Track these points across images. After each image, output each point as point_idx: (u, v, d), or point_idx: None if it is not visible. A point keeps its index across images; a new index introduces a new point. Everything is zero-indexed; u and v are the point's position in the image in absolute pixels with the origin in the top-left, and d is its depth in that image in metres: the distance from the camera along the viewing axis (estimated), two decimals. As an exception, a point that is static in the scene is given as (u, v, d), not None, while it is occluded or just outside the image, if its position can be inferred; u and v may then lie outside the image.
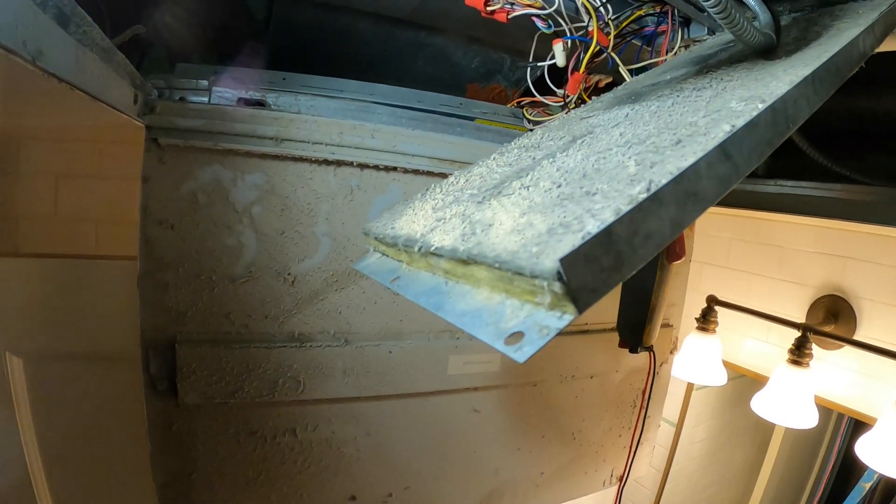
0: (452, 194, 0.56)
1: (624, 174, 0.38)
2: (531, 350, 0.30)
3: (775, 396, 1.52)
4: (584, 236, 0.30)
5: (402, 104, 1.33)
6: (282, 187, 1.21)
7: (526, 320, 0.31)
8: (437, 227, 0.46)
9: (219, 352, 1.21)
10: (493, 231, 0.38)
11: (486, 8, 1.05)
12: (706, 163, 0.36)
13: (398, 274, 0.50)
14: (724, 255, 2.01)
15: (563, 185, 0.41)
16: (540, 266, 0.30)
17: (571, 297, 0.29)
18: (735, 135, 0.39)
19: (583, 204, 0.35)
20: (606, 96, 0.78)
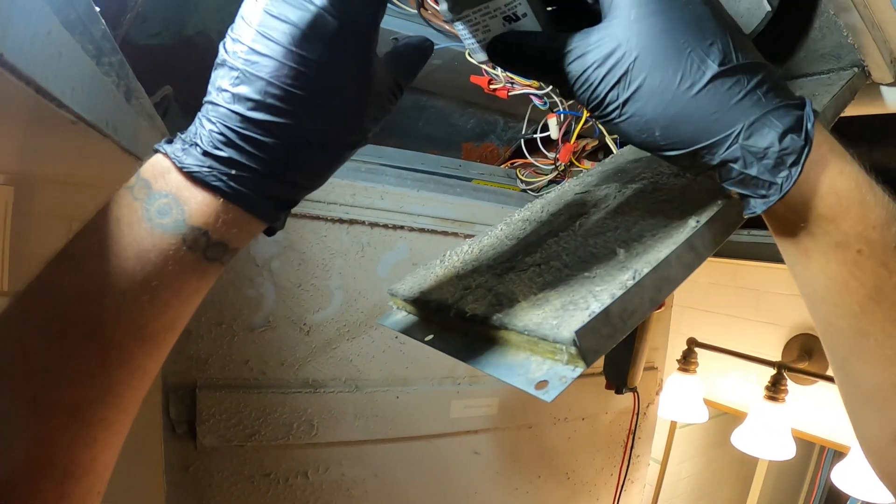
0: (471, 264, 0.67)
1: (615, 261, 0.50)
2: (555, 392, 0.41)
3: (754, 431, 1.60)
4: (590, 314, 0.42)
5: (408, 166, 1.43)
6: (299, 243, 1.30)
7: (548, 371, 0.43)
8: (466, 295, 0.57)
9: (237, 397, 1.27)
10: (518, 304, 0.50)
11: (489, 86, 1.17)
12: (676, 255, 0.48)
13: (431, 333, 0.61)
14: (703, 298, 2.10)
15: (570, 266, 0.53)
16: (560, 335, 0.42)
17: (582, 356, 0.42)
18: (699, 230, 0.50)
19: (586, 286, 0.47)
20: (596, 170, 0.88)
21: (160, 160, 0.41)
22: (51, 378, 0.39)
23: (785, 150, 0.42)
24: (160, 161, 0.41)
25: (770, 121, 0.42)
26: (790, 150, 0.42)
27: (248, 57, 0.40)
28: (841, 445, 1.67)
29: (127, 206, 0.40)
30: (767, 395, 1.62)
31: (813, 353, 1.75)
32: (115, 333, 0.40)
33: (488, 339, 0.52)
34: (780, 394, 1.59)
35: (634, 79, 0.43)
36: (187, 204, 0.40)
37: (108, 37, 0.67)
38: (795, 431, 1.64)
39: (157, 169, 0.41)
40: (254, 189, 0.42)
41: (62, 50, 0.52)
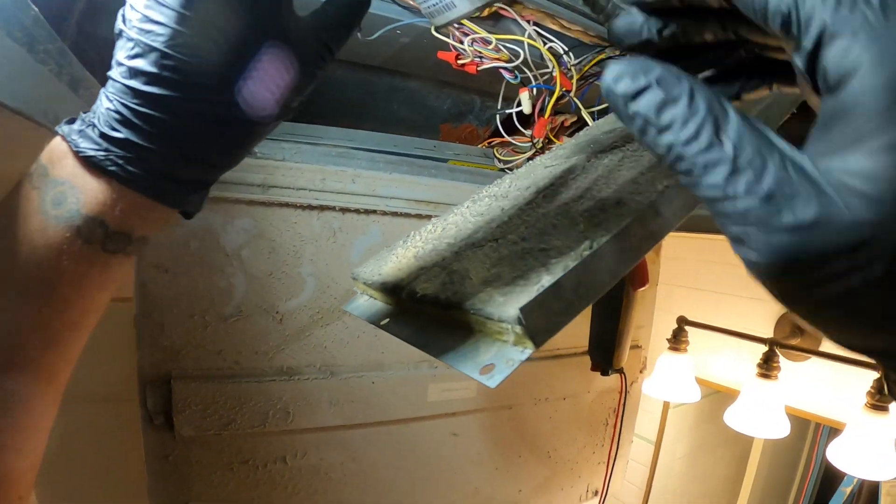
0: (431, 243, 0.63)
1: (574, 232, 0.45)
2: (500, 378, 0.38)
3: (747, 409, 1.59)
4: (538, 289, 0.38)
5: (380, 149, 1.40)
6: (269, 231, 1.27)
7: (496, 354, 0.40)
8: (421, 275, 0.53)
9: (212, 387, 1.26)
10: (469, 281, 0.46)
11: (457, 62, 1.13)
12: (639, 222, 0.44)
13: (386, 316, 0.57)
14: (693, 276, 2.08)
15: (527, 239, 0.49)
16: (505, 313, 0.38)
17: (530, 335, 0.38)
18: (666, 195, 0.46)
19: (540, 259, 0.43)
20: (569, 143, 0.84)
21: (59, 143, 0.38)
22: None
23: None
24: (58, 144, 0.38)
25: None
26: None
27: (141, 25, 0.36)
28: (836, 422, 1.65)
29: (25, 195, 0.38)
30: (760, 373, 1.60)
31: (805, 329, 1.73)
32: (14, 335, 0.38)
33: (441, 322, 0.48)
34: (772, 371, 1.58)
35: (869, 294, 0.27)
36: (83, 192, 0.37)
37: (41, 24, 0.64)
38: (789, 409, 1.63)
39: (55, 153, 0.38)
40: (154, 172, 0.38)
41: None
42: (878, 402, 1.36)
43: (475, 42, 1.08)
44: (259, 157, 1.24)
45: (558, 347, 1.81)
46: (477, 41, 1.08)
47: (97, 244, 0.38)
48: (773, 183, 0.26)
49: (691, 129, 0.28)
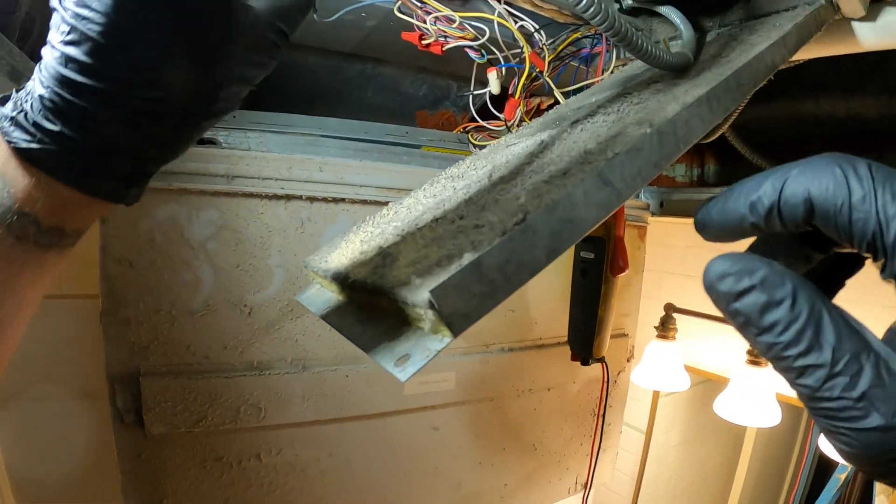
0: (380, 226, 0.59)
1: (514, 206, 0.41)
2: (413, 369, 0.34)
3: (737, 397, 1.57)
4: (455, 268, 0.34)
5: (350, 136, 1.37)
6: (235, 222, 1.24)
7: (414, 344, 0.36)
8: (359, 259, 0.50)
9: (181, 383, 1.23)
10: (397, 263, 0.42)
11: (421, 42, 1.09)
12: (583, 191, 0.40)
13: (329, 305, 0.54)
14: (680, 262, 2.05)
15: (465, 217, 0.45)
16: (418, 296, 0.34)
17: (446, 322, 0.33)
18: (614, 161, 0.42)
19: (470, 236, 0.39)
20: (536, 121, 0.82)
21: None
22: None
23: None
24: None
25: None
26: None
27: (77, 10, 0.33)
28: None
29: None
30: (749, 360, 1.58)
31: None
32: None
33: (371, 310, 0.44)
34: (762, 357, 1.54)
35: None
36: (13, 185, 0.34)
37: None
38: (780, 396, 1.59)
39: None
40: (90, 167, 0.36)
41: None
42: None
43: (438, 21, 1.05)
44: (223, 146, 1.21)
45: (541, 337, 1.77)
46: (441, 20, 1.04)
47: (30, 241, 0.36)
48: (868, 387, 0.27)
49: (792, 334, 0.29)
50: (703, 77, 0.60)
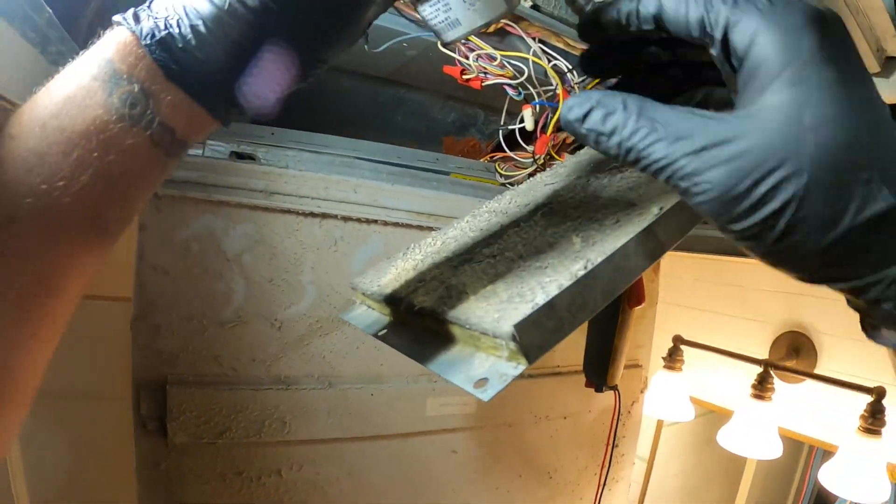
0: (431, 256, 0.64)
1: (570, 251, 0.46)
2: (493, 392, 0.39)
3: (740, 429, 1.59)
4: (533, 306, 0.39)
5: (384, 160, 1.41)
6: (270, 237, 1.28)
7: (490, 369, 0.40)
8: (419, 287, 0.54)
9: (208, 393, 1.25)
10: (466, 296, 0.46)
11: (462, 76, 1.14)
12: (635, 243, 0.45)
13: (383, 326, 0.58)
14: (689, 295, 2.08)
15: (524, 257, 0.50)
16: (500, 329, 0.39)
17: (523, 352, 0.38)
18: (661, 217, 0.47)
19: (536, 277, 0.44)
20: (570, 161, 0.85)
21: (125, 41, 0.38)
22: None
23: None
24: (126, 42, 0.38)
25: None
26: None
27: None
28: (829, 445, 1.65)
29: (84, 86, 0.37)
30: (754, 394, 1.60)
31: (800, 351, 1.74)
32: (68, 222, 0.38)
33: (436, 335, 0.49)
34: (766, 392, 1.58)
35: (801, 208, 0.33)
36: (157, 99, 0.38)
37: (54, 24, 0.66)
38: (782, 430, 1.63)
39: (123, 50, 0.37)
40: (221, 93, 0.40)
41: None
42: (871, 425, 1.36)
43: (480, 58, 1.10)
44: (263, 163, 1.25)
45: (558, 365, 1.80)
46: (482, 57, 1.10)
47: (163, 149, 0.39)
48: (703, 139, 0.34)
49: (631, 127, 0.36)
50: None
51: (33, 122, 0.37)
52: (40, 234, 0.37)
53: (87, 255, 0.40)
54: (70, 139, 0.36)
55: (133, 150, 0.38)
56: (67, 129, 0.36)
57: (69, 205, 0.37)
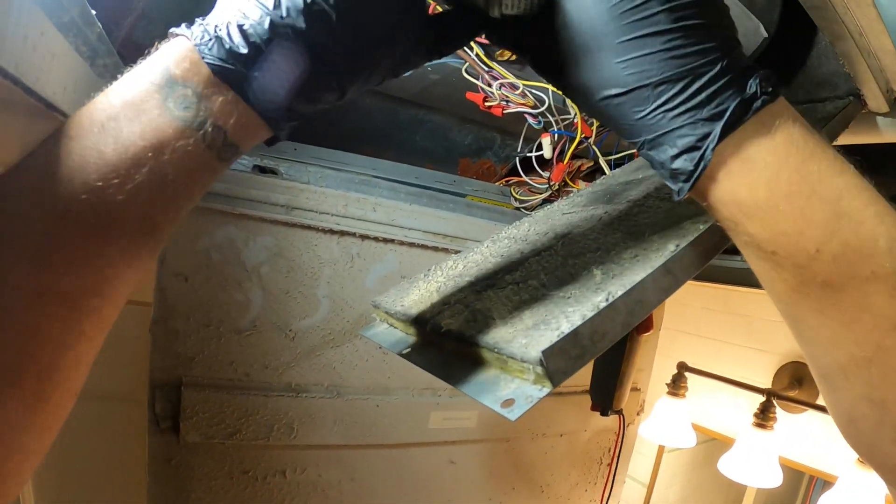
0: (453, 280, 0.67)
1: (591, 282, 0.50)
2: (520, 412, 0.42)
3: (741, 457, 1.61)
4: (559, 335, 0.42)
5: (402, 180, 1.44)
6: (289, 251, 1.31)
7: (516, 391, 0.44)
8: (444, 310, 0.57)
9: (221, 396, 1.29)
10: (492, 321, 0.50)
11: (484, 104, 1.18)
12: (652, 278, 0.48)
13: (408, 346, 0.61)
14: (695, 323, 2.10)
15: (546, 285, 0.53)
16: (528, 354, 0.42)
17: (549, 376, 0.42)
18: (677, 254, 0.50)
19: (560, 306, 0.47)
20: (586, 191, 0.88)
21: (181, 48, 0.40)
22: (44, 263, 0.37)
23: (676, 170, 0.43)
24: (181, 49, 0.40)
25: (670, 139, 0.43)
26: (681, 171, 0.43)
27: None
28: (829, 475, 1.67)
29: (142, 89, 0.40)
30: (756, 423, 1.62)
31: (803, 381, 1.75)
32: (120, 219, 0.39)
33: (462, 356, 0.52)
34: (768, 421, 1.60)
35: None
36: (210, 101, 0.40)
37: (103, 39, 0.67)
38: (783, 459, 1.64)
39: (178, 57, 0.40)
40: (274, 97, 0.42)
41: (55, 51, 0.53)
42: (872, 457, 1.38)
43: (503, 86, 1.13)
44: (284, 177, 1.28)
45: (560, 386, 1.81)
46: (505, 86, 1.13)
47: (215, 151, 0.41)
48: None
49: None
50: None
51: (92, 124, 0.39)
52: (93, 231, 0.38)
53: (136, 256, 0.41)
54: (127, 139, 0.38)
55: (186, 151, 0.40)
56: (125, 129, 0.38)
57: (122, 202, 0.38)
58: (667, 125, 0.42)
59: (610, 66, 0.43)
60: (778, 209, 0.42)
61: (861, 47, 0.74)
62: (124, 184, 0.38)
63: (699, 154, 0.42)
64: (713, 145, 0.41)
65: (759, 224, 0.43)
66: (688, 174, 0.43)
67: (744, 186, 0.42)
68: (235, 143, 0.42)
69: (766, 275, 0.47)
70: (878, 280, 0.42)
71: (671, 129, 0.42)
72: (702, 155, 0.42)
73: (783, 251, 0.43)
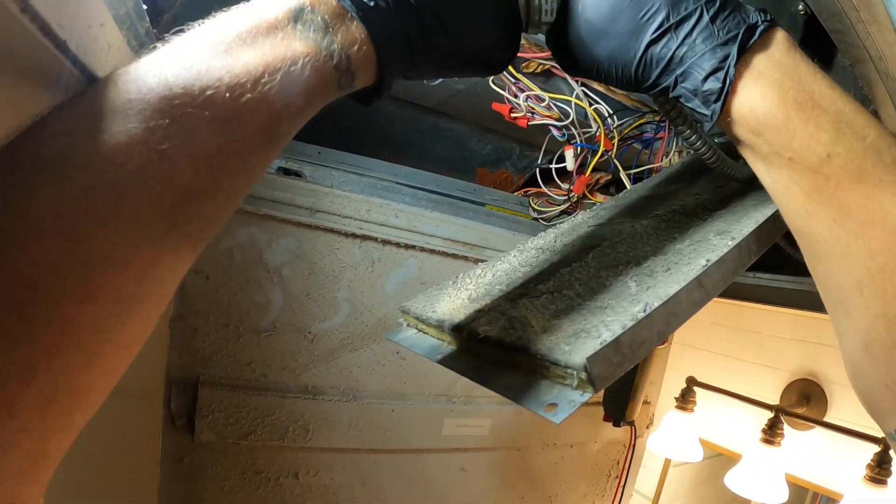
0: (483, 287, 0.69)
1: (627, 293, 0.52)
2: (564, 415, 0.44)
3: (748, 472, 1.62)
4: (601, 342, 0.44)
5: (423, 187, 1.46)
6: (311, 254, 1.32)
7: (557, 395, 0.45)
8: (479, 317, 0.59)
9: (237, 396, 1.30)
10: (531, 328, 0.51)
11: (510, 114, 1.20)
12: (686, 291, 0.50)
13: (441, 351, 0.63)
14: (705, 338, 2.11)
15: (582, 296, 0.55)
16: (572, 361, 0.44)
17: (591, 382, 0.44)
18: (709, 269, 0.52)
19: (598, 315, 0.49)
20: (610, 203, 0.90)
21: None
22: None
23: (708, 91, 0.51)
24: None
25: (697, 66, 0.51)
26: (711, 91, 0.51)
27: None
28: (834, 493, 1.68)
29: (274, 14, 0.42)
30: (763, 438, 1.63)
31: (811, 398, 1.76)
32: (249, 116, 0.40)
33: (498, 362, 0.53)
34: (776, 437, 1.61)
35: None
36: (337, 29, 0.43)
37: (151, 34, 0.69)
38: (789, 476, 1.65)
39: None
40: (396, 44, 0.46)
41: (111, 42, 0.54)
42: (878, 475, 1.39)
43: (530, 98, 1.15)
44: (308, 181, 1.29)
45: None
46: (531, 98, 1.15)
47: (339, 73, 0.44)
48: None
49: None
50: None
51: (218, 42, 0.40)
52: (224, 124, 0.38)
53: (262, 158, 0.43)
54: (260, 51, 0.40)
55: (315, 66, 0.42)
56: (259, 43, 0.40)
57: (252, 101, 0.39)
58: (691, 55, 0.50)
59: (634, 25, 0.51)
60: (789, 116, 0.49)
61: (880, 71, 0.76)
62: (255, 86, 0.39)
63: (724, 72, 0.50)
64: (734, 62, 0.49)
65: (775, 132, 0.50)
66: (717, 92, 0.50)
67: (758, 95, 0.50)
68: (354, 71, 0.45)
69: (784, 187, 0.52)
70: (885, 185, 0.47)
71: (696, 56, 0.50)
72: (726, 72, 0.50)
73: (798, 156, 0.49)
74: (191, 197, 0.37)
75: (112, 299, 0.35)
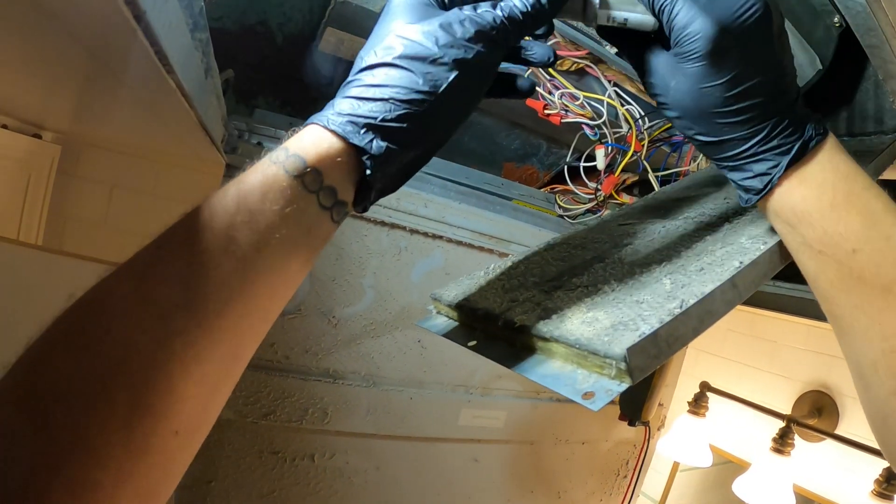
0: (516, 278, 0.70)
1: (662, 290, 0.53)
2: (601, 403, 0.45)
3: (756, 481, 1.62)
4: (640, 335, 0.45)
5: (453, 178, 1.47)
6: (339, 239, 1.34)
7: (595, 384, 0.47)
8: (514, 307, 0.60)
9: (259, 377, 1.32)
10: (568, 319, 0.53)
11: (543, 111, 1.21)
12: (720, 290, 0.52)
13: (474, 339, 0.64)
14: (720, 344, 2.12)
15: (617, 290, 0.56)
16: (612, 351, 0.45)
17: (629, 372, 0.45)
18: (742, 270, 0.54)
19: (634, 310, 0.50)
20: (639, 203, 0.91)
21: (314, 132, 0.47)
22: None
23: (749, 187, 0.57)
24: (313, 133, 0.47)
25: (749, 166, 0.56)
26: (753, 188, 0.56)
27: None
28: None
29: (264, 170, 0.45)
30: (774, 447, 1.63)
31: (823, 410, 1.77)
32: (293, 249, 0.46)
33: (534, 350, 0.55)
34: (786, 447, 1.61)
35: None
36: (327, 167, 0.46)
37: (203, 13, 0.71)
38: (797, 487, 1.65)
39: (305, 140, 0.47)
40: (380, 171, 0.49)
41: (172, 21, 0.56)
42: (886, 490, 1.39)
43: (564, 96, 1.16)
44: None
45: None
46: (566, 96, 1.16)
47: (329, 211, 0.47)
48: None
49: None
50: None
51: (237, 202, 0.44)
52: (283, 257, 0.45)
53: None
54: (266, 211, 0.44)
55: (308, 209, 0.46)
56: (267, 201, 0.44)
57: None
58: (749, 158, 0.55)
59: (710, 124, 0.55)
60: (823, 215, 0.54)
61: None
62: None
63: (769, 178, 0.55)
64: (780, 174, 0.55)
65: (809, 227, 0.55)
66: (758, 191, 0.56)
67: (799, 197, 0.55)
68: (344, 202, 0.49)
69: (814, 273, 0.57)
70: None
71: (752, 160, 0.56)
72: (770, 179, 0.55)
73: (828, 250, 0.54)
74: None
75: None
